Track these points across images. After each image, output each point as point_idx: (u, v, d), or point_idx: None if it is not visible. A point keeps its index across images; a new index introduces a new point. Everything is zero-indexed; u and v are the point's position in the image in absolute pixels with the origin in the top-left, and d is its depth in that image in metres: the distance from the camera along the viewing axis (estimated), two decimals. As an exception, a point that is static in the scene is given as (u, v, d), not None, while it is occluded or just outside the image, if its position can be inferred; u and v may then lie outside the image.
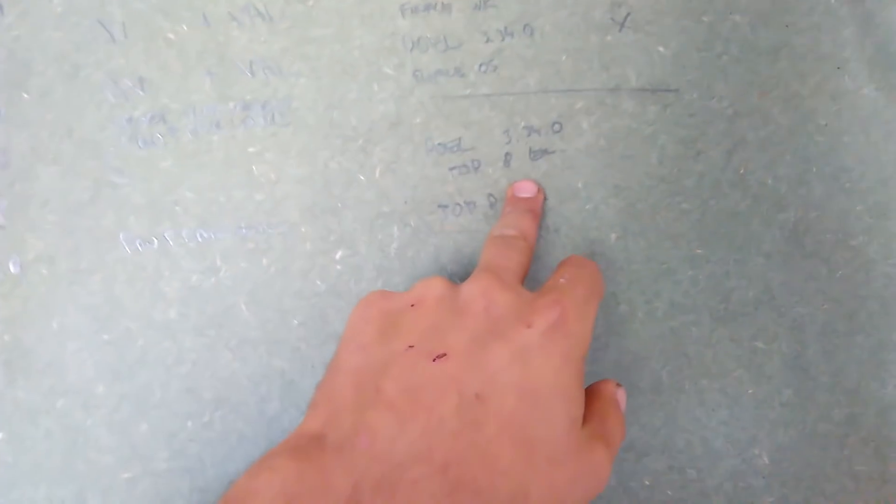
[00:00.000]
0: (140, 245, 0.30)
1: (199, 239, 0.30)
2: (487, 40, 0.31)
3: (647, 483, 0.32)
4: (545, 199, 0.31)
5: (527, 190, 0.31)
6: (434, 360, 0.20)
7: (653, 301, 0.32)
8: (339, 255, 0.31)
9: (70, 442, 0.31)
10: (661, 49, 0.31)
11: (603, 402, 0.25)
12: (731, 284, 0.32)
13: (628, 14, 0.31)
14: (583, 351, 0.23)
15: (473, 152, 0.31)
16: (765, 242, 0.32)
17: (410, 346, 0.21)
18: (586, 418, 0.23)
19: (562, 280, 0.25)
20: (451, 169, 0.31)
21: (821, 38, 0.32)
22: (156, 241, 0.30)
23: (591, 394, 0.25)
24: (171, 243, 0.30)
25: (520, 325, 0.22)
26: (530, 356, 0.21)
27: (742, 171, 0.32)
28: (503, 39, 0.31)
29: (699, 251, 0.32)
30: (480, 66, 0.31)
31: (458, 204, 0.31)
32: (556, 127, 0.31)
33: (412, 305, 0.23)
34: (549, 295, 0.23)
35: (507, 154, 0.31)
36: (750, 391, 0.32)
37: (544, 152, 0.31)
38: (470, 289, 0.23)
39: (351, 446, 0.18)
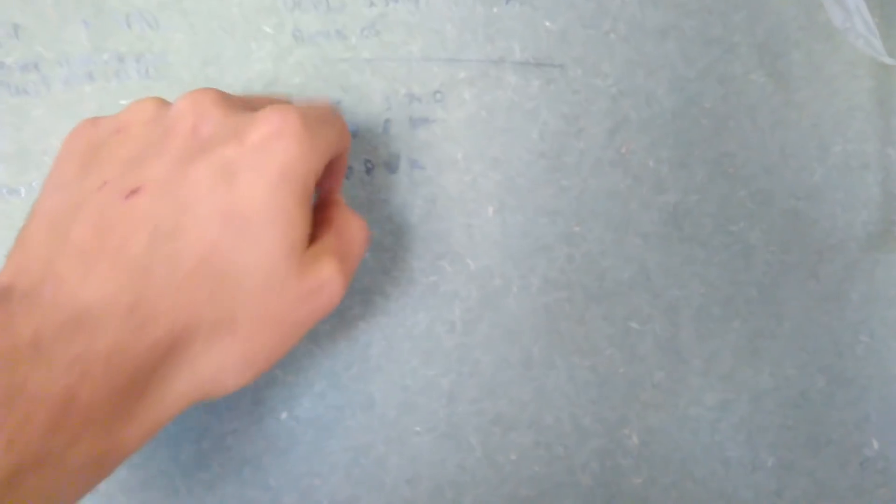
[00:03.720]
0: (7, 193, 0.30)
1: (67, 190, 0.30)
2: (371, 4, 0.30)
3: (513, 458, 0.32)
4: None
5: None
6: (127, 198, 0.19)
7: (527, 276, 0.32)
8: (209, 213, 0.31)
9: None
10: (547, 23, 0.31)
11: (336, 209, 0.24)
12: (607, 264, 0.32)
13: (516, -14, 0.31)
14: (309, 165, 0.20)
15: (352, 117, 0.30)
16: (643, 223, 0.32)
17: (105, 183, 0.20)
18: (319, 232, 0.22)
19: (297, 101, 0.23)
20: (329, 133, 0.31)
21: (711, 21, 0.32)
22: (23, 190, 0.30)
23: (321, 205, 0.24)
24: (38, 194, 0.30)
25: (229, 143, 0.20)
26: (238, 174, 0.19)
27: (623, 151, 0.32)
28: (387, 4, 0.30)
29: (576, 229, 0.32)
30: (363, 30, 0.31)
31: None
32: (438, 96, 0.31)
33: (118, 132, 0.21)
34: (270, 109, 0.20)
35: (386, 121, 0.31)
36: (621, 370, 0.32)
37: (425, 121, 0.31)
38: (180, 105, 0.21)
39: (37, 294, 0.18)
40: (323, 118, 0.23)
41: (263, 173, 0.19)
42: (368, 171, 0.31)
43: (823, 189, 0.31)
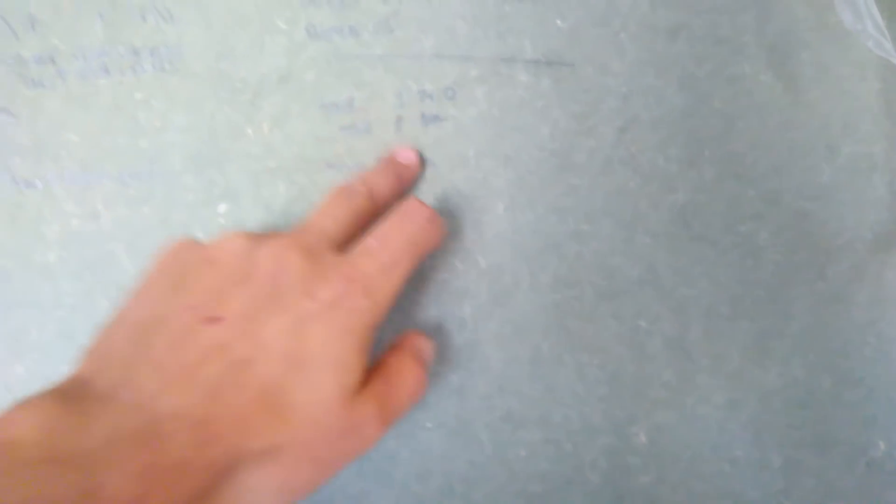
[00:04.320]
0: (23, 186, 0.31)
1: (82, 183, 0.30)
2: (384, 1, 0.30)
3: (522, 454, 0.32)
4: (421, 171, 0.31)
5: (406, 157, 0.30)
6: (207, 323, 0.21)
7: (537, 274, 0.31)
8: (221, 208, 0.30)
9: (-58, 379, 0.31)
10: (558, 22, 0.32)
11: (399, 357, 0.26)
12: (616, 262, 0.32)
13: (528, -15, 0.31)
14: (371, 321, 0.23)
15: (364, 113, 0.30)
16: (652, 222, 0.32)
17: (190, 307, 0.22)
18: (374, 377, 0.24)
19: (373, 242, 0.24)
20: (342, 129, 0.30)
21: (721, 21, 0.32)
22: (39, 182, 0.30)
23: (392, 348, 0.26)
24: (53, 186, 0.31)
25: (303, 297, 0.22)
26: (307, 328, 0.22)
27: (633, 150, 0.32)
28: (400, 1, 0.30)
29: (585, 227, 0.32)
30: (376, 26, 0.30)
31: (347, 165, 0.31)
32: (450, 93, 0.31)
33: (208, 261, 0.24)
34: (343, 265, 0.23)
35: (398, 117, 0.31)
36: (630, 369, 0.32)
37: (436, 118, 0.31)
38: (265, 251, 0.23)
39: (114, 398, 0.20)
40: (398, 258, 0.25)
41: (328, 329, 0.22)
42: (380, 167, 0.31)
43: (832, 190, 0.32)
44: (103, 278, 0.30)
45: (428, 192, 0.31)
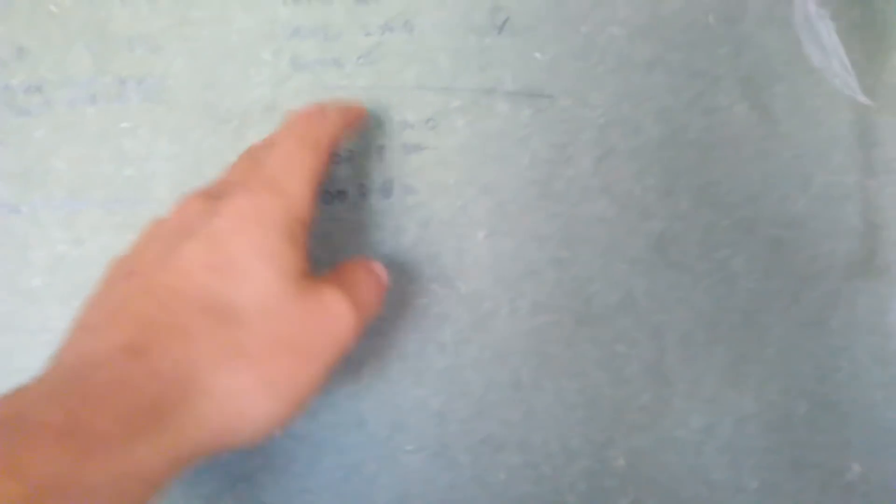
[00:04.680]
0: (8, 212, 0.31)
1: (68, 210, 0.31)
2: (367, 34, 0.31)
3: (501, 477, 0.32)
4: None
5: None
6: (126, 281, 0.22)
7: (516, 300, 0.32)
8: (206, 234, 0.31)
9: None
10: (537, 55, 0.32)
11: (348, 263, 0.26)
12: (594, 288, 0.33)
13: (507, 19, 0.32)
14: (289, 214, 0.22)
15: (347, 143, 0.31)
16: (629, 249, 0.32)
17: (129, 273, 0.23)
18: (326, 275, 0.24)
19: (268, 149, 0.24)
20: (325, 157, 0.32)
21: (696, 54, 0.33)
22: (25, 208, 0.31)
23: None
24: (39, 212, 0.31)
25: (210, 218, 0.22)
26: (222, 239, 0.22)
27: (611, 179, 0.32)
28: (383, 34, 0.31)
29: (564, 254, 0.33)
30: (359, 58, 0.31)
31: (329, 192, 0.31)
32: (431, 123, 0.32)
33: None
34: (243, 181, 0.23)
35: (380, 146, 0.31)
36: (608, 393, 0.33)
37: (418, 147, 0.32)
38: (180, 204, 0.24)
39: (53, 361, 0.21)
40: (297, 149, 0.24)
41: (246, 230, 0.22)
42: (362, 195, 0.31)
43: (806, 218, 0.32)
44: (88, 303, 0.30)
45: (410, 219, 0.31)
